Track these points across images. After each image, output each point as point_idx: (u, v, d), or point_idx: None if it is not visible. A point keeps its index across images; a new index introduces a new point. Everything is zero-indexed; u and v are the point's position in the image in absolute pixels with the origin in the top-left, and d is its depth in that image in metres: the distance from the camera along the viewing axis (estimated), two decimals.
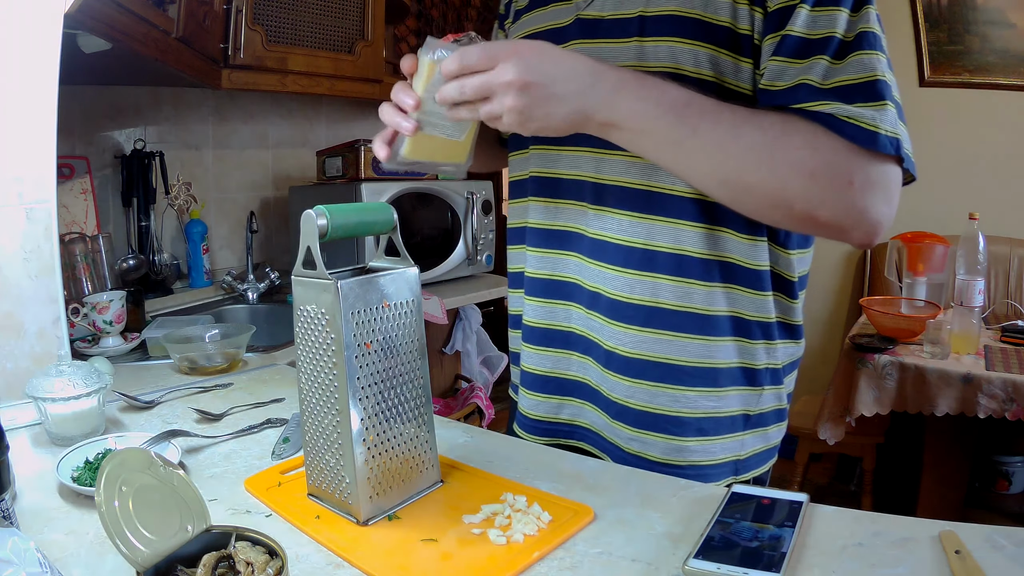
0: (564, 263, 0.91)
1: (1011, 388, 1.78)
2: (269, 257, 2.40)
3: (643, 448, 0.87)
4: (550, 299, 0.93)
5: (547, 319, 0.93)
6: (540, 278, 0.94)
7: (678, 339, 0.84)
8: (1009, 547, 0.60)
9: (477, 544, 0.64)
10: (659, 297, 0.84)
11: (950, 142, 2.87)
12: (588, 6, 0.86)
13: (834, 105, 0.69)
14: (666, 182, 0.81)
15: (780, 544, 0.61)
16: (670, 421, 0.85)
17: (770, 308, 0.86)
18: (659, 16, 0.79)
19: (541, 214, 0.93)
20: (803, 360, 0.99)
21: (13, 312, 1.05)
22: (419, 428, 0.74)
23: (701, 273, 0.82)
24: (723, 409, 0.86)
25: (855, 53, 0.71)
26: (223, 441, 0.92)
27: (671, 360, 0.85)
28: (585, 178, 0.87)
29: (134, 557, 0.53)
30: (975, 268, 2.04)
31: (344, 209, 0.70)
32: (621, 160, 0.83)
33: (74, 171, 1.83)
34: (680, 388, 0.85)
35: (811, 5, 0.72)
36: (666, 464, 0.86)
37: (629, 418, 0.87)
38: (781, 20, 0.73)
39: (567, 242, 0.90)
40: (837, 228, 0.72)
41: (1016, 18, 2.67)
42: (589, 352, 0.90)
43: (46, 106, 1.06)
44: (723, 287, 0.83)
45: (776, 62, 0.73)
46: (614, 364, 0.87)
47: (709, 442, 0.86)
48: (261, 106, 2.39)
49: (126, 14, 1.36)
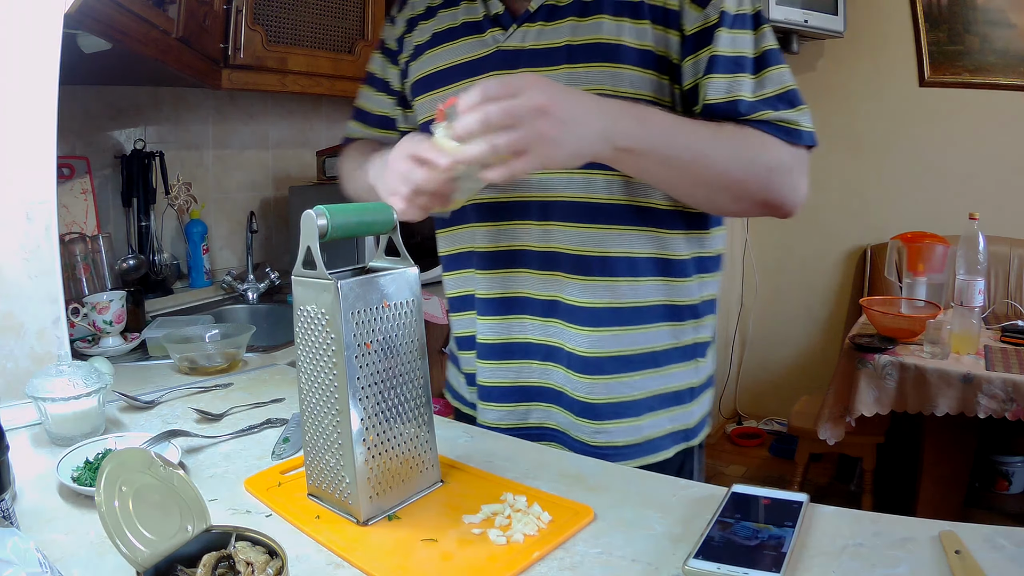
0: (513, 280, 0.95)
1: (1011, 388, 1.78)
2: (269, 257, 2.40)
3: (608, 439, 0.94)
4: (504, 315, 0.97)
5: (503, 334, 0.97)
6: (492, 297, 0.97)
7: (626, 333, 0.92)
8: (1009, 547, 0.60)
9: (477, 544, 0.64)
10: (613, 298, 0.91)
11: (950, 142, 2.87)
12: (507, 39, 0.92)
13: (768, 113, 0.83)
14: (604, 193, 0.90)
15: (780, 544, 0.61)
16: (627, 407, 0.94)
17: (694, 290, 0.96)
18: (587, 44, 0.86)
19: (487, 238, 0.97)
20: (803, 360, 1.04)
21: (13, 312, 1.05)
22: (419, 428, 0.74)
23: (643, 271, 0.92)
24: (669, 385, 0.96)
25: (767, 69, 0.85)
26: (223, 441, 0.92)
27: (622, 352, 0.93)
28: (530, 198, 0.92)
29: (134, 557, 0.53)
30: (975, 268, 2.03)
31: (344, 209, 0.70)
32: (563, 177, 0.90)
33: (74, 171, 1.83)
34: (631, 375, 0.93)
35: (728, 27, 0.83)
36: (627, 446, 0.94)
37: (592, 413, 0.94)
38: (700, 42, 0.84)
39: (515, 259, 0.95)
40: (779, 206, 0.86)
41: (1016, 18, 2.67)
42: (550, 358, 0.96)
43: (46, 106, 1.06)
44: (658, 280, 0.93)
45: (713, 79, 0.84)
46: (576, 365, 0.94)
47: (658, 416, 0.95)
48: (261, 106, 2.39)
49: (126, 14, 1.36)
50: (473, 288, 1.00)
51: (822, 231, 3.16)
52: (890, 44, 2.90)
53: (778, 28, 2.76)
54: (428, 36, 1.00)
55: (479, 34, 0.94)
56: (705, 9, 0.84)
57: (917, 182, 2.97)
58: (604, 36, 0.86)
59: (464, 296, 1.02)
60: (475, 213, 0.97)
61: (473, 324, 1.01)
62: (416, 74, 1.02)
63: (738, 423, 3.39)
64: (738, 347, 3.43)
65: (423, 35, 1.01)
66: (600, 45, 0.86)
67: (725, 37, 0.83)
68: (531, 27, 0.91)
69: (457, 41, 0.96)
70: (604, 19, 0.86)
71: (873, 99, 2.99)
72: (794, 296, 3.30)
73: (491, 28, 0.94)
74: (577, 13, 0.88)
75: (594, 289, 0.91)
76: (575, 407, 0.95)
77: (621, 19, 0.86)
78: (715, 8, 0.84)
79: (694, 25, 0.84)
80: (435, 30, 0.99)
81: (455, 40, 0.96)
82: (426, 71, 1.00)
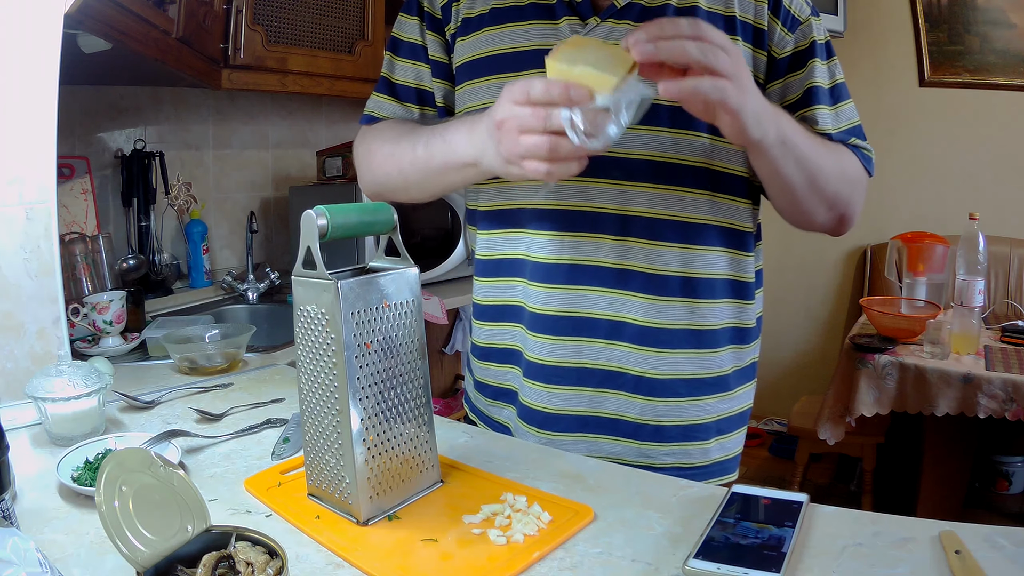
0: (575, 296, 0.89)
1: (1011, 388, 1.78)
2: (269, 257, 2.40)
3: (676, 460, 0.92)
4: (563, 336, 0.90)
5: (559, 356, 0.90)
6: (550, 314, 0.90)
7: (688, 356, 0.90)
8: (1009, 547, 0.60)
9: (477, 544, 0.64)
10: (678, 320, 0.89)
11: (950, 142, 2.87)
12: (589, 32, 0.85)
13: (854, 140, 0.89)
14: (691, 211, 0.87)
15: (780, 544, 0.61)
16: (695, 430, 0.92)
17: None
18: None
19: (548, 248, 0.89)
20: (803, 360, 1.06)
21: (13, 312, 1.05)
22: (419, 428, 0.74)
23: (707, 292, 0.90)
24: (735, 408, 0.95)
25: (843, 103, 0.90)
26: (223, 441, 0.92)
27: (697, 375, 0.91)
28: (607, 210, 0.86)
29: (134, 557, 0.53)
30: (975, 268, 2.03)
31: (344, 209, 0.70)
32: (647, 192, 0.86)
33: (74, 171, 1.83)
34: (704, 399, 0.92)
35: (822, 59, 0.86)
36: (693, 467, 0.93)
37: (660, 436, 0.91)
38: (791, 66, 0.86)
39: (581, 275, 0.88)
40: (850, 220, 0.90)
41: (1016, 18, 2.67)
42: (606, 383, 0.90)
43: (46, 106, 1.06)
44: (728, 303, 0.92)
45: (821, 110, 0.86)
46: (643, 389, 0.90)
47: (726, 439, 0.95)
48: (261, 106, 2.39)
49: (126, 14, 1.36)
50: (524, 300, 0.92)
51: None
52: (890, 44, 2.90)
53: None
54: (485, 9, 0.90)
55: (552, 20, 0.86)
56: (794, 33, 0.85)
57: (917, 182, 2.97)
58: None
59: (508, 307, 0.95)
60: (533, 219, 0.89)
61: (518, 338, 0.94)
62: (468, 54, 0.91)
63: None
64: None
65: (477, 6, 0.90)
66: None
67: (820, 68, 0.86)
68: (618, 24, 0.84)
69: (524, 23, 0.87)
70: None
71: (873, 99, 2.99)
72: (794, 296, 3.30)
73: (566, 16, 0.86)
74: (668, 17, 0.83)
75: (672, 311, 0.88)
76: (640, 433, 0.91)
77: None
78: (804, 35, 0.85)
79: (785, 49, 0.85)
80: (495, 4, 0.89)
81: (522, 22, 0.87)
82: (480, 52, 0.90)
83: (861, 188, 0.89)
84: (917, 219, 2.87)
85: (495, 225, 0.95)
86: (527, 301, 0.92)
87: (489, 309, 0.98)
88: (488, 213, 0.96)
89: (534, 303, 0.91)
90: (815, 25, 0.87)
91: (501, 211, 0.94)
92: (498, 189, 0.94)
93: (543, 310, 0.91)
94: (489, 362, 1.00)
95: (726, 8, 0.84)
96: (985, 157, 2.80)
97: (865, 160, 0.89)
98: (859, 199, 0.89)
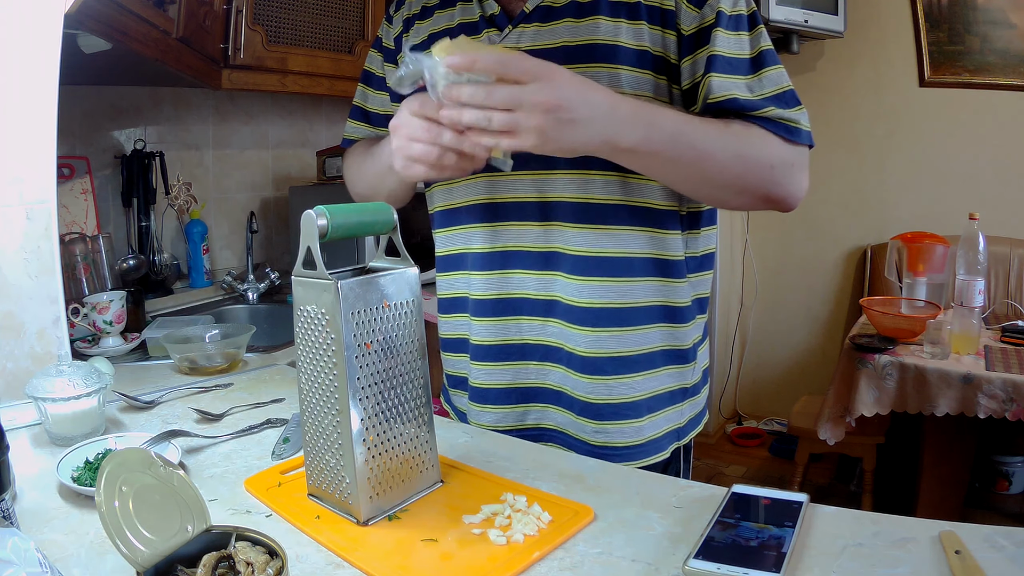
0: (510, 280, 0.95)
1: (1011, 388, 1.78)
2: (269, 257, 2.40)
3: (607, 438, 0.94)
4: (500, 316, 0.96)
5: (500, 336, 0.97)
6: (487, 298, 0.97)
7: (624, 334, 0.93)
8: (1009, 547, 0.60)
9: (477, 544, 0.64)
10: (611, 298, 0.92)
11: (950, 142, 2.87)
12: (503, 40, 0.92)
13: (770, 110, 0.84)
14: (601, 193, 0.90)
15: (780, 544, 0.61)
16: (627, 408, 0.94)
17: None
18: (584, 45, 0.87)
19: (484, 238, 0.96)
20: (803, 360, 1.04)
21: (13, 312, 1.05)
22: (419, 428, 0.74)
23: (640, 271, 0.92)
24: (665, 386, 0.96)
25: (765, 70, 0.86)
26: (223, 441, 0.92)
27: (621, 353, 0.93)
28: (529, 199, 0.93)
29: (134, 557, 0.53)
30: (975, 268, 2.03)
31: (344, 209, 0.70)
32: (562, 178, 0.90)
33: (74, 171, 1.83)
34: (631, 376, 0.93)
35: (724, 27, 0.84)
36: (627, 447, 0.94)
37: (592, 412, 0.94)
38: (698, 42, 0.85)
39: (512, 260, 0.95)
40: (781, 200, 0.87)
41: (1016, 18, 2.67)
42: (548, 358, 0.96)
43: (46, 106, 1.06)
44: (654, 280, 0.93)
45: (712, 78, 0.84)
46: (576, 364, 0.94)
47: (657, 416, 0.96)
48: (261, 106, 2.39)
49: (126, 14, 1.36)
50: (467, 290, 0.99)
51: (822, 231, 3.16)
52: (890, 44, 2.90)
53: (778, 28, 2.76)
54: (424, 37, 0.99)
55: (475, 35, 0.94)
56: (702, 9, 0.85)
57: (917, 182, 2.97)
58: (601, 37, 0.86)
59: (457, 298, 1.02)
60: (471, 214, 0.97)
61: (465, 326, 1.00)
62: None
63: (738, 423, 3.39)
64: (738, 347, 3.43)
65: (419, 36, 1.00)
66: (597, 46, 0.86)
67: (722, 37, 0.84)
68: (527, 28, 0.91)
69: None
70: (600, 20, 0.87)
71: (873, 99, 2.99)
72: (794, 296, 3.30)
73: (487, 29, 0.94)
74: (573, 14, 0.88)
75: (593, 289, 0.92)
76: (575, 406, 0.95)
77: (618, 20, 0.86)
78: (711, 8, 0.84)
79: (692, 25, 0.85)
80: (431, 31, 0.99)
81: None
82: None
83: (785, 166, 0.85)
84: (917, 219, 2.87)
85: (444, 224, 1.03)
86: (470, 290, 0.99)
87: (444, 302, 1.06)
88: (439, 213, 1.04)
89: (475, 291, 0.98)
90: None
91: (447, 210, 1.02)
92: (444, 190, 1.01)
93: (483, 295, 0.97)
94: (448, 352, 1.07)
95: None
96: (985, 157, 2.80)
97: (788, 132, 0.84)
98: (783, 177, 0.85)
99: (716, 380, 3.30)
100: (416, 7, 1.03)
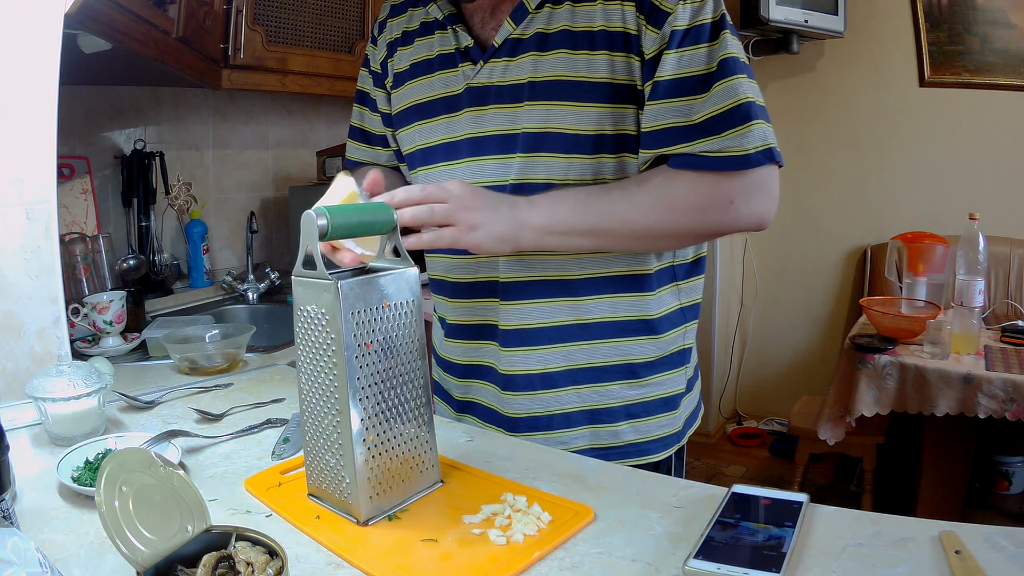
0: (486, 264, 0.97)
1: (1011, 388, 1.78)
2: (269, 257, 2.40)
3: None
4: (474, 299, 1.00)
5: (468, 316, 1.01)
6: (461, 282, 1.00)
7: (577, 347, 0.95)
8: (1009, 547, 0.60)
9: (477, 544, 0.64)
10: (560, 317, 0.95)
11: (950, 142, 2.87)
12: (476, 75, 0.92)
13: (703, 143, 0.81)
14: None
15: (780, 544, 0.61)
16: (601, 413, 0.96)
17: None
18: (547, 81, 0.87)
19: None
20: (803, 360, 1.04)
21: (13, 312, 1.05)
22: (419, 428, 0.74)
23: (588, 290, 0.93)
24: (649, 395, 0.97)
25: (718, 83, 0.81)
26: (223, 441, 0.92)
27: (593, 364, 0.95)
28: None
29: (134, 557, 0.53)
30: (975, 268, 2.03)
31: (344, 209, 0.70)
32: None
33: (74, 171, 1.83)
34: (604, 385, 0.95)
35: (675, 47, 0.81)
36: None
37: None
38: (653, 68, 0.83)
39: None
40: (728, 232, 0.88)
41: (1016, 18, 2.67)
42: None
43: (46, 106, 1.06)
44: (614, 297, 0.94)
45: (650, 106, 0.84)
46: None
47: (639, 423, 0.96)
48: (261, 106, 2.39)
49: (126, 14, 1.36)
50: (445, 274, 1.03)
51: (822, 231, 3.16)
52: (890, 44, 2.90)
53: (778, 28, 2.76)
54: (407, 65, 1.00)
55: (452, 68, 0.94)
56: (661, 29, 0.82)
57: (917, 182, 2.97)
58: (561, 73, 0.86)
59: (433, 280, 1.06)
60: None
61: (441, 307, 1.06)
62: (398, 104, 1.02)
63: (738, 423, 3.39)
64: (738, 347, 3.43)
65: (402, 63, 1.01)
66: (559, 83, 0.86)
67: (671, 59, 0.82)
68: (497, 63, 0.90)
69: (433, 75, 0.96)
70: (562, 54, 0.86)
71: (873, 99, 2.99)
72: (794, 296, 3.30)
73: (463, 62, 0.94)
74: (536, 47, 0.87)
75: (552, 310, 0.94)
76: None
77: (577, 53, 0.85)
78: (669, 26, 0.81)
79: (652, 48, 0.83)
80: (413, 59, 0.99)
81: (431, 73, 0.97)
82: (406, 103, 1.00)
83: (719, 204, 0.83)
84: (917, 219, 2.87)
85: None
86: (447, 274, 1.03)
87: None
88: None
89: (451, 275, 1.02)
90: (681, 11, 0.81)
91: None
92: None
93: (453, 278, 1.01)
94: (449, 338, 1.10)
95: (590, 24, 0.85)
96: (985, 157, 2.80)
97: (723, 164, 0.80)
98: (723, 215, 0.83)
99: (716, 380, 3.30)
100: (397, 31, 1.02)
